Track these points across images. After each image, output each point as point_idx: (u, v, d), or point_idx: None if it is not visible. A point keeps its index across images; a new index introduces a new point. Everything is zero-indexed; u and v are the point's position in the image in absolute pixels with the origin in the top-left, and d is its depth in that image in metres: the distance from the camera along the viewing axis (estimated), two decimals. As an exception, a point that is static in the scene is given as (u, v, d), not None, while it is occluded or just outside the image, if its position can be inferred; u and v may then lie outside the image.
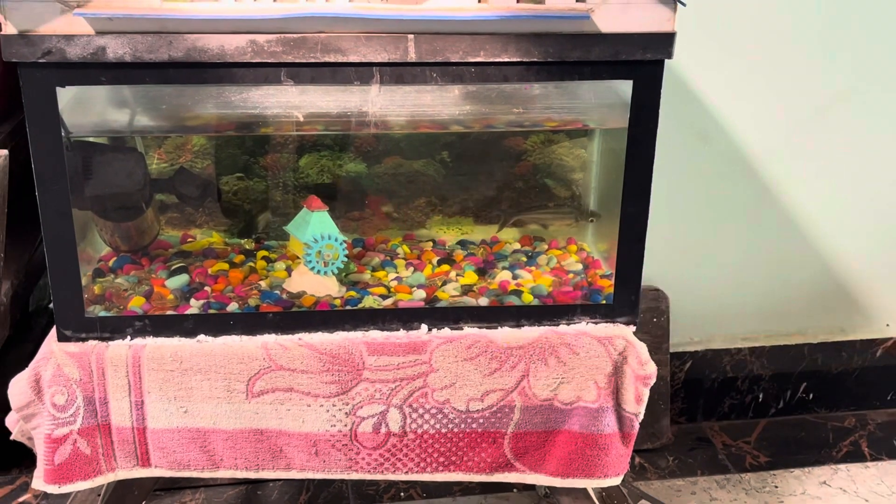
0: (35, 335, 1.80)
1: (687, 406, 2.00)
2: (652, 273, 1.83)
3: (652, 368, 1.26)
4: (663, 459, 1.89)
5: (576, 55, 1.15)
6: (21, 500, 1.71)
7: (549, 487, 1.46)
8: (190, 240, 1.42)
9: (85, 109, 1.22)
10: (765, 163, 1.83)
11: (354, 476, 1.29)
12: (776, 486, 1.82)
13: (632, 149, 1.20)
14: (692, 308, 1.92)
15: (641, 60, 1.15)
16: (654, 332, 1.85)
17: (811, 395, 2.04)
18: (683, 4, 1.13)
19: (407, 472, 1.30)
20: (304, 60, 1.12)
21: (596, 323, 1.29)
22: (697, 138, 1.79)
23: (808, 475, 1.85)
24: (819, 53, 1.77)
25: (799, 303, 1.98)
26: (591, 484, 1.30)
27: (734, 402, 2.01)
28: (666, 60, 1.17)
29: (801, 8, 1.73)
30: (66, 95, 1.14)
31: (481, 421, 1.27)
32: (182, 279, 1.32)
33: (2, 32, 1.08)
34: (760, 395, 2.02)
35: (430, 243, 1.47)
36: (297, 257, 1.34)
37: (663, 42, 1.15)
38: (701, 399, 2.00)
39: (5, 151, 1.47)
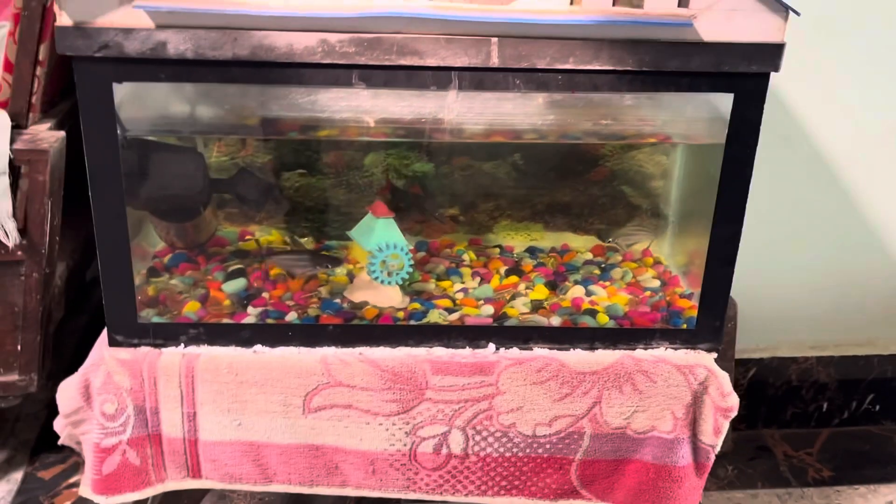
0: (91, 306, 1.76)
1: (748, 413, 1.92)
2: (722, 278, 1.75)
3: (734, 401, 1.18)
4: (723, 469, 1.81)
5: (674, 65, 1.05)
6: (73, 480, 1.68)
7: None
8: (248, 237, 1.35)
9: (143, 105, 1.15)
10: (847, 169, 1.73)
11: (412, 496, 1.23)
12: (840, 504, 1.74)
13: (728, 167, 1.11)
14: (760, 314, 1.83)
15: (745, 73, 1.06)
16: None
17: (877, 407, 1.95)
18: (797, 14, 1.03)
19: (467, 495, 1.23)
20: (377, 63, 1.03)
21: (676, 349, 1.21)
22: (779, 142, 1.69)
23: (874, 493, 1.77)
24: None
25: (872, 313, 1.89)
26: (661, 516, 1.24)
27: (797, 410, 1.93)
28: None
29: (889, 12, 1.62)
30: (123, 90, 1.07)
31: (548, 446, 1.20)
32: (239, 283, 1.25)
33: (57, 24, 1.01)
34: (825, 405, 1.93)
35: (497, 249, 1.39)
36: (359, 262, 1.27)
37: (771, 53, 1.05)
38: (763, 406, 1.92)
39: (62, 133, 1.41)
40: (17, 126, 1.42)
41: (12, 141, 1.37)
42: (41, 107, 1.47)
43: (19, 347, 1.50)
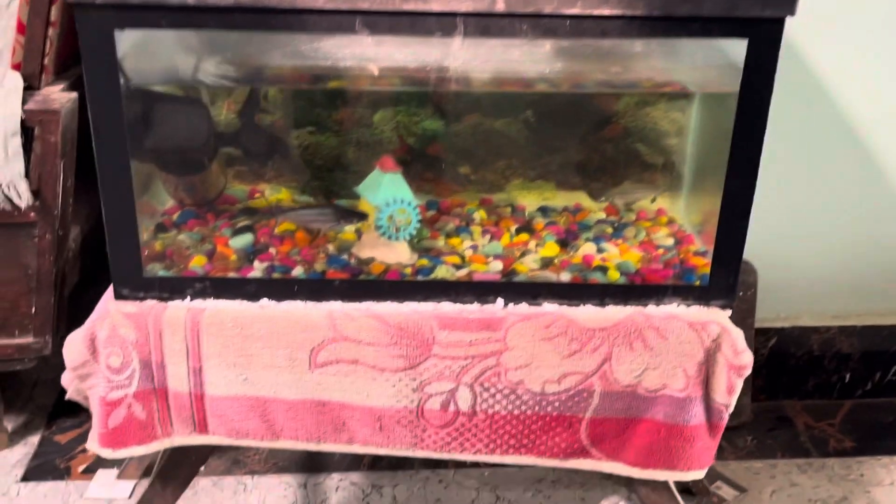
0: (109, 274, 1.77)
1: (768, 383, 1.88)
2: (741, 244, 1.72)
3: (748, 358, 1.15)
4: (742, 438, 1.78)
5: (685, 9, 1.03)
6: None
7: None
8: (258, 195, 1.34)
9: (147, 55, 1.14)
10: (868, 132, 1.68)
11: (420, 454, 1.22)
12: (862, 475, 1.70)
13: (741, 116, 1.08)
14: (781, 282, 1.80)
15: (760, 17, 1.03)
16: (740, 306, 1.73)
17: (902, 379, 1.91)
18: (812, -45, 1.00)
19: (475, 453, 1.22)
20: (381, 8, 1.02)
21: (688, 305, 1.19)
22: (799, 101, 1.65)
23: (898, 465, 1.74)
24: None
25: (897, 281, 1.85)
26: (672, 476, 1.22)
27: (819, 381, 1.89)
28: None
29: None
30: (128, 40, 1.06)
31: (557, 404, 1.19)
32: (246, 239, 1.24)
33: (58, -30, 1.00)
34: (847, 376, 1.89)
35: (509, 209, 1.37)
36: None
37: (786, -3, 1.02)
38: (784, 377, 1.88)
39: (74, 94, 1.41)
40: (30, 87, 1.42)
41: (24, 102, 1.38)
42: (54, 69, 1.47)
43: (34, 310, 1.50)
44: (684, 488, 1.60)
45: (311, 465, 1.67)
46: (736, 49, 1.06)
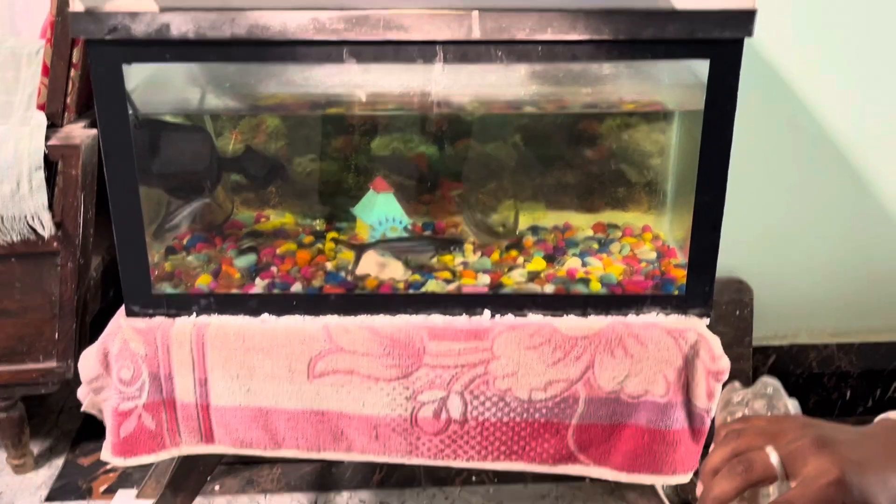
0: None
1: (770, 402, 1.91)
2: (735, 264, 1.76)
3: (724, 364, 1.20)
4: (743, 456, 1.81)
5: (649, 33, 1.10)
6: (110, 466, 1.73)
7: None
8: (263, 220, 1.42)
9: (154, 88, 1.23)
10: (859, 149, 1.73)
11: (415, 461, 1.28)
12: (863, 490, 1.72)
13: (708, 133, 1.15)
14: (778, 301, 1.84)
15: (719, 39, 1.10)
16: (737, 325, 1.78)
17: (903, 396, 1.93)
18: (765, -20, 1.07)
19: (468, 460, 1.27)
20: (366, 38, 1.10)
21: (667, 314, 1.24)
22: (787, 123, 1.70)
23: (899, 480, 1.75)
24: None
25: (893, 298, 1.87)
26: (658, 480, 1.26)
27: (819, 398, 1.92)
28: (748, 39, 1.11)
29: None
30: (140, 74, 1.15)
31: (544, 411, 1.24)
32: (250, 259, 1.32)
33: (70, 9, 1.09)
34: (848, 393, 1.92)
35: (501, 228, 1.44)
36: (364, 239, 1.33)
37: (743, 19, 1.09)
38: (785, 395, 1.91)
39: (94, 131, 1.50)
40: (53, 125, 1.52)
41: (48, 138, 1.48)
42: (76, 108, 1.57)
43: (57, 335, 1.59)
44: (684, 501, 1.63)
45: (322, 483, 1.72)
46: (705, 69, 1.13)
